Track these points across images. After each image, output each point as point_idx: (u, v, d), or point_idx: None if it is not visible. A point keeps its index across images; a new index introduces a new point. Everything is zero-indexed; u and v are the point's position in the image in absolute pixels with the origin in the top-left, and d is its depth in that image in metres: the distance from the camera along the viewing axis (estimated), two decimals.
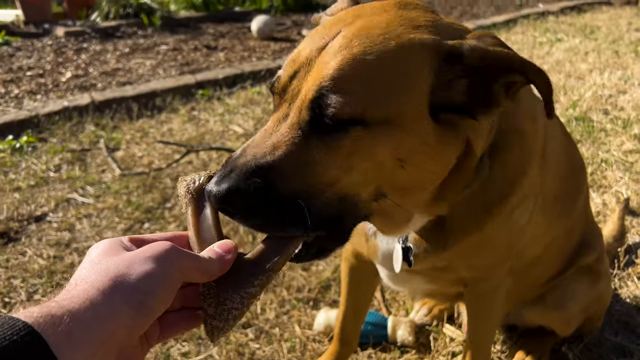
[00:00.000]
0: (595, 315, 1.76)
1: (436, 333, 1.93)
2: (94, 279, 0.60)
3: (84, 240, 2.52)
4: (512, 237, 1.23)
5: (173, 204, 2.80)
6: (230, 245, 0.72)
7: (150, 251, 0.65)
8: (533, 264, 1.46)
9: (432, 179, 0.93)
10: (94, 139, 3.59)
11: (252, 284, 0.71)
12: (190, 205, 0.79)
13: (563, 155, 1.35)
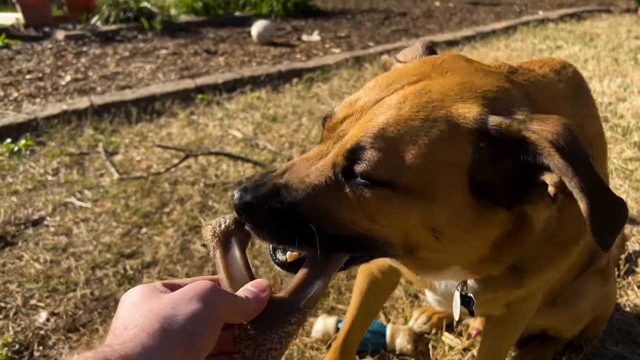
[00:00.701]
0: (602, 316, 1.74)
1: (435, 341, 1.92)
2: (142, 322, 0.60)
3: (81, 245, 2.50)
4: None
5: (171, 208, 2.79)
6: (264, 284, 0.73)
7: (194, 291, 0.65)
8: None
9: (470, 252, 0.91)
10: (92, 142, 3.58)
11: (290, 322, 0.71)
12: (218, 247, 0.80)
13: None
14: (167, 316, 0.61)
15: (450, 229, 0.83)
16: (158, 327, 0.60)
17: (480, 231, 0.85)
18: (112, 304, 2.14)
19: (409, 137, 0.79)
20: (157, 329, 0.59)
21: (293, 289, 0.76)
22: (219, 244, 0.80)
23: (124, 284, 2.24)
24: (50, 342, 1.97)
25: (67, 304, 2.14)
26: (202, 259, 2.39)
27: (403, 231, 0.84)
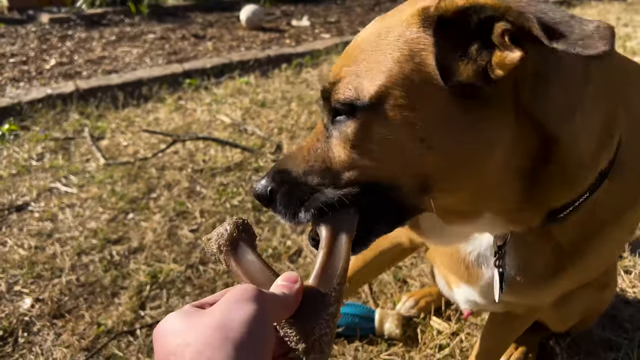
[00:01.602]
0: (592, 318, 1.74)
1: (423, 325, 1.92)
2: (200, 339, 0.55)
3: (66, 231, 2.46)
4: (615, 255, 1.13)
5: (158, 194, 2.75)
6: (294, 276, 0.70)
7: (237, 295, 0.61)
8: None
9: (492, 184, 0.79)
10: (78, 127, 3.52)
11: (330, 303, 0.70)
12: (230, 257, 0.76)
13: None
14: (223, 325, 0.57)
15: (439, 135, 0.74)
16: (219, 337, 0.55)
17: (477, 134, 0.74)
18: (98, 289, 2.11)
19: (361, 53, 0.78)
20: (218, 340, 0.55)
21: (320, 271, 0.73)
22: (229, 253, 0.76)
23: (110, 269, 2.21)
24: (35, 328, 1.94)
25: (52, 290, 2.11)
26: (189, 245, 2.36)
27: (403, 163, 0.77)
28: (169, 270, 2.21)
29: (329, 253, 0.75)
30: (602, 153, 0.83)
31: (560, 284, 1.02)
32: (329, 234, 0.78)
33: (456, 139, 0.74)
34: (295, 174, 0.85)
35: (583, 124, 0.79)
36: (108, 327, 1.93)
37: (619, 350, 1.79)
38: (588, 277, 1.13)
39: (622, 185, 0.91)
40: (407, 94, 0.73)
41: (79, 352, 1.84)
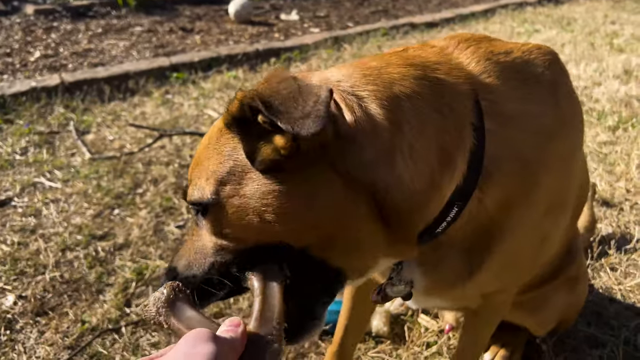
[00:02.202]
0: (570, 318, 1.75)
1: (411, 323, 1.92)
2: None
3: (50, 226, 2.43)
4: (539, 249, 1.17)
5: (144, 189, 2.72)
6: (237, 320, 0.73)
7: (195, 337, 0.64)
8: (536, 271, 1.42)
9: (325, 225, 0.83)
10: (63, 121, 3.47)
11: (272, 342, 0.73)
12: (169, 317, 0.79)
13: (583, 158, 1.30)
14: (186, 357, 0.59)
15: (280, 214, 0.82)
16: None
17: (315, 207, 0.81)
18: (82, 286, 2.09)
19: (203, 157, 0.91)
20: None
21: (259, 315, 0.77)
22: (168, 313, 0.78)
23: (95, 266, 2.18)
24: (17, 326, 1.91)
25: (36, 287, 2.08)
26: (176, 241, 2.34)
27: (256, 237, 0.86)
28: (155, 266, 2.18)
29: (264, 299, 0.80)
30: (442, 177, 0.88)
31: (479, 279, 1.06)
32: (261, 283, 0.82)
33: (285, 209, 0.81)
34: (180, 269, 0.96)
35: (406, 164, 0.84)
36: (92, 324, 1.90)
37: (605, 347, 1.80)
38: (518, 265, 1.16)
39: (502, 187, 0.95)
40: (234, 186, 0.84)
41: (62, 350, 1.81)
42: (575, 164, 1.13)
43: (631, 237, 2.34)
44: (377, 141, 0.83)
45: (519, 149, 0.96)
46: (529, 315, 1.58)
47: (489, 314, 1.36)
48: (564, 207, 1.17)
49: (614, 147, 3.14)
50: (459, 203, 0.92)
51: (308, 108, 0.72)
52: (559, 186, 1.07)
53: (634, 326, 1.88)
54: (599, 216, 2.47)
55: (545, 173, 1.01)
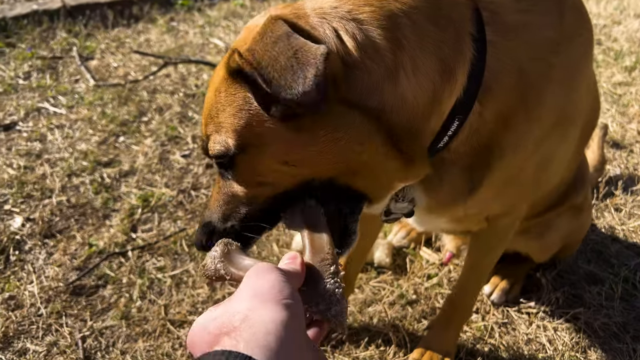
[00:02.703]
0: (572, 244, 1.77)
1: (413, 256, 1.94)
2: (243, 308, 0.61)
3: (55, 152, 2.42)
4: (543, 168, 1.16)
5: (150, 117, 2.70)
6: (294, 253, 0.77)
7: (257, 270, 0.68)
8: (542, 196, 1.41)
9: (349, 159, 0.86)
10: (65, 46, 3.39)
11: (328, 264, 0.79)
12: (228, 268, 0.82)
13: (593, 79, 1.26)
14: (256, 294, 0.63)
15: (304, 157, 0.85)
16: (258, 301, 0.61)
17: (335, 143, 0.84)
18: (89, 211, 2.11)
19: (215, 110, 0.88)
20: (258, 302, 0.61)
21: (310, 246, 0.83)
22: (227, 266, 0.82)
23: (101, 192, 2.20)
24: (26, 247, 1.95)
25: (43, 210, 2.10)
26: (181, 170, 2.34)
27: (287, 180, 0.89)
28: (161, 194, 2.19)
29: (310, 231, 0.86)
30: (443, 90, 0.88)
31: (480, 196, 1.08)
32: (302, 218, 0.89)
33: (308, 152, 0.84)
34: (217, 222, 0.98)
35: (409, 80, 0.84)
36: (99, 248, 1.94)
37: (604, 284, 1.83)
38: (520, 184, 1.16)
39: (502, 100, 0.95)
40: (254, 134, 0.84)
41: (70, 271, 1.85)
42: (581, 80, 1.10)
43: (639, 179, 2.32)
44: (381, 62, 0.83)
45: (520, 61, 0.94)
46: (533, 240, 1.60)
47: (492, 239, 1.38)
48: (570, 126, 1.14)
49: (628, 88, 3.06)
50: (460, 116, 0.93)
51: (309, 81, 0.72)
52: (563, 102, 1.05)
53: (634, 265, 1.90)
54: (608, 157, 2.45)
55: (548, 87, 1.00)
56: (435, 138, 0.94)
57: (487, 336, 1.67)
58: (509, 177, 1.08)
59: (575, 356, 1.61)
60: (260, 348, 0.54)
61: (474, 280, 1.50)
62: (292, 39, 0.76)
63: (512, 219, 1.31)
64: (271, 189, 0.91)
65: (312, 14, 0.84)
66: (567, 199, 1.58)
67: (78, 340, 1.61)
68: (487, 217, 1.27)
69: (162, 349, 1.60)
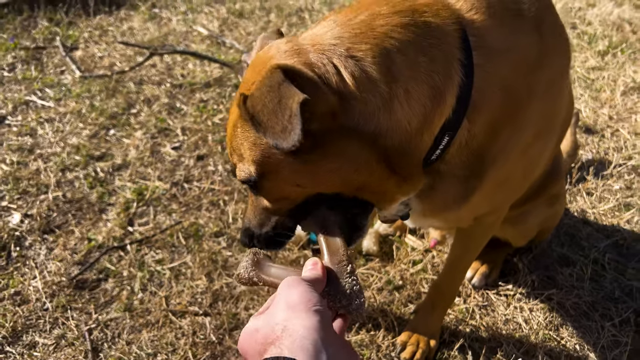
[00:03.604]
0: (548, 229, 1.90)
1: (399, 243, 2.05)
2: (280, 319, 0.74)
3: (47, 146, 2.46)
4: (528, 172, 1.29)
5: (138, 109, 2.74)
6: (314, 259, 0.91)
7: (287, 285, 0.80)
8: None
9: (354, 179, 0.99)
10: (48, 35, 3.38)
11: (345, 264, 0.92)
12: (260, 276, 0.96)
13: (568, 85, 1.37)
14: (288, 306, 0.76)
15: (312, 180, 0.98)
16: (291, 312, 0.75)
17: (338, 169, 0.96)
18: (85, 206, 2.17)
19: (237, 142, 1.01)
20: (292, 314, 0.74)
21: (327, 250, 0.96)
22: (258, 274, 0.96)
23: (96, 186, 2.25)
24: (26, 243, 2.01)
25: (40, 206, 2.16)
26: (173, 163, 2.41)
27: (298, 196, 1.04)
28: (155, 187, 2.26)
29: (326, 237, 0.99)
30: (434, 113, 0.98)
31: (473, 202, 1.20)
32: (317, 226, 1.03)
33: (314, 176, 0.97)
34: (255, 228, 1.16)
35: (403, 108, 0.95)
36: (98, 242, 2.01)
37: (575, 266, 1.97)
38: (509, 187, 1.30)
39: (489, 116, 1.06)
40: (269, 164, 0.97)
41: (72, 265, 1.93)
42: (561, 92, 1.22)
43: (609, 164, 2.46)
44: (377, 94, 0.93)
45: (505, 80, 1.05)
46: (513, 228, 1.74)
47: (479, 233, 1.50)
48: (552, 131, 1.27)
49: (601, 72, 3.19)
50: (450, 132, 1.03)
51: (285, 122, 0.82)
52: (545, 112, 1.17)
53: (603, 247, 2.04)
54: (580, 142, 2.58)
55: (531, 101, 1.10)
56: (428, 152, 1.04)
57: (468, 318, 1.80)
58: (499, 183, 1.20)
59: (549, 334, 1.75)
60: (300, 350, 0.68)
61: (459, 270, 1.62)
62: (282, 87, 0.84)
63: (497, 216, 1.43)
64: (290, 202, 1.07)
65: (312, 50, 0.93)
66: (545, 190, 1.70)
67: (85, 333, 1.70)
68: (475, 216, 1.38)
69: (165, 338, 1.70)
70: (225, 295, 1.83)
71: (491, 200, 1.29)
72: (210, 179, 2.32)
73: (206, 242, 2.02)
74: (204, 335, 1.71)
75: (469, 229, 1.46)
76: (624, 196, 2.28)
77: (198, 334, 1.71)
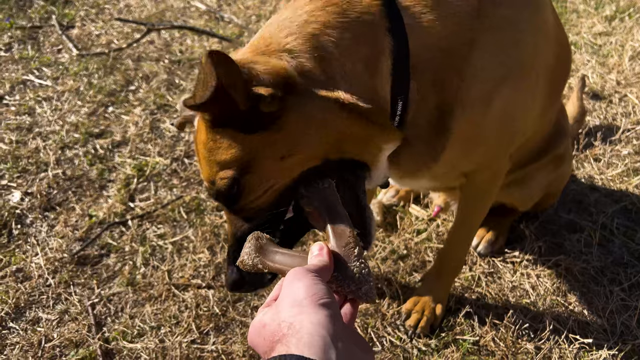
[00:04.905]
0: (554, 193, 1.86)
1: (402, 213, 2.03)
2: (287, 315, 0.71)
3: (46, 125, 2.44)
4: (505, 124, 1.24)
5: (137, 86, 2.70)
6: (320, 244, 0.87)
7: (291, 278, 0.77)
8: (519, 148, 1.49)
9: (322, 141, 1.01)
10: (44, 14, 3.33)
11: (352, 248, 0.87)
12: (265, 262, 0.89)
13: (555, 29, 1.32)
14: (294, 301, 0.73)
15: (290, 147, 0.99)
16: (297, 309, 0.71)
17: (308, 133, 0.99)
18: (85, 183, 2.15)
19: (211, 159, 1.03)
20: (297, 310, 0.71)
21: (333, 233, 0.90)
22: (262, 260, 0.90)
23: (96, 163, 2.23)
24: (27, 220, 2.00)
25: (40, 184, 2.14)
26: (173, 138, 2.38)
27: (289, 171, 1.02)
28: (155, 163, 2.24)
29: (331, 220, 0.93)
30: (374, 81, 1.03)
31: (445, 159, 1.21)
32: (323, 207, 0.97)
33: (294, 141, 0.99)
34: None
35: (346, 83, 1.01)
36: (99, 218, 1.99)
37: (583, 232, 1.94)
38: (483, 142, 1.27)
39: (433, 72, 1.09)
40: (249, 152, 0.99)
41: (73, 242, 1.91)
42: (523, 35, 1.16)
43: (617, 129, 2.41)
44: (315, 78, 0.99)
45: (441, 35, 1.06)
46: (518, 189, 1.70)
47: (476, 194, 1.47)
48: (522, 79, 1.20)
49: (608, 38, 3.11)
50: (401, 97, 1.07)
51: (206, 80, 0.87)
52: (499, 59, 1.13)
53: (611, 212, 2.01)
54: (588, 108, 2.52)
55: (473, 50, 1.09)
56: (392, 116, 1.08)
57: (474, 285, 1.78)
58: (469, 137, 1.19)
59: (557, 300, 1.73)
60: (307, 347, 0.66)
61: (464, 233, 1.59)
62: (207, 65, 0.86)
63: (490, 175, 1.40)
64: (277, 189, 1.03)
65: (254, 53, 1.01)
66: (549, 151, 1.66)
67: (88, 307, 1.69)
68: (464, 174, 1.38)
69: (168, 311, 1.69)
70: None
71: (469, 157, 1.28)
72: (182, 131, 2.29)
73: (208, 216, 2.00)
74: (208, 307, 1.69)
75: (467, 190, 1.46)
76: (632, 161, 2.23)
77: (201, 306, 1.70)
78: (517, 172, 1.63)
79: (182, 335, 1.62)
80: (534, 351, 1.57)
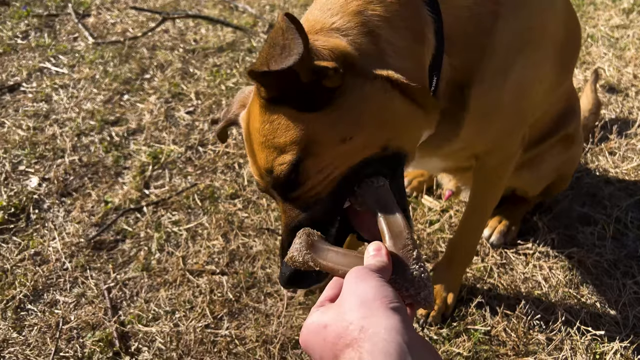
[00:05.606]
0: (564, 176, 1.85)
1: (415, 203, 2.03)
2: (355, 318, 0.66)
3: (62, 112, 2.47)
4: (518, 97, 1.26)
5: (152, 75, 2.72)
6: (378, 243, 0.83)
7: (355, 277, 0.73)
8: (530, 127, 1.49)
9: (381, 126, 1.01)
10: (60, 3, 3.36)
11: (411, 250, 0.83)
12: (316, 260, 0.86)
13: (566, 5, 1.35)
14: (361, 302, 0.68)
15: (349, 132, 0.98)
16: (364, 310, 0.67)
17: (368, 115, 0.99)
18: (101, 169, 2.18)
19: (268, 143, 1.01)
20: (364, 311, 0.67)
21: (389, 233, 0.86)
22: (314, 257, 0.86)
23: (112, 150, 2.26)
24: (45, 205, 2.03)
25: (57, 170, 2.17)
26: (187, 127, 2.40)
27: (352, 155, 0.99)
28: (169, 151, 2.26)
29: (387, 218, 0.89)
30: (422, 52, 1.05)
31: (464, 135, 1.22)
32: (378, 207, 0.93)
33: (354, 121, 0.97)
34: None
35: (395, 57, 1.01)
36: (115, 204, 2.02)
37: (596, 225, 1.93)
38: (499, 118, 1.28)
39: (464, 46, 1.11)
40: (310, 134, 0.96)
41: (90, 227, 1.94)
42: (536, 7, 1.20)
43: (633, 123, 2.39)
44: (369, 53, 0.99)
45: (468, 8, 1.09)
46: (528, 171, 1.69)
47: (486, 177, 1.48)
48: (534, 50, 1.23)
49: (626, 31, 3.08)
50: (436, 72, 1.08)
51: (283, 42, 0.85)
52: (516, 30, 1.17)
53: (626, 206, 2.00)
54: (604, 101, 2.50)
55: (496, 22, 1.12)
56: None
57: (486, 276, 1.78)
58: (485, 113, 1.21)
59: (569, 292, 1.73)
60: (383, 355, 0.61)
61: (476, 220, 1.59)
62: (284, 28, 0.85)
63: (502, 157, 1.41)
64: (336, 177, 1.00)
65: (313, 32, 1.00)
66: (559, 131, 1.66)
67: (104, 291, 1.72)
68: (475, 155, 1.39)
69: (183, 296, 1.71)
70: (242, 255, 1.83)
71: (483, 135, 1.29)
72: (225, 142, 2.31)
73: (222, 204, 2.02)
74: (222, 293, 1.72)
75: (479, 175, 1.47)
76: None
77: (215, 292, 1.72)
78: (528, 152, 1.63)
79: (196, 320, 1.64)
80: (545, 342, 1.58)
